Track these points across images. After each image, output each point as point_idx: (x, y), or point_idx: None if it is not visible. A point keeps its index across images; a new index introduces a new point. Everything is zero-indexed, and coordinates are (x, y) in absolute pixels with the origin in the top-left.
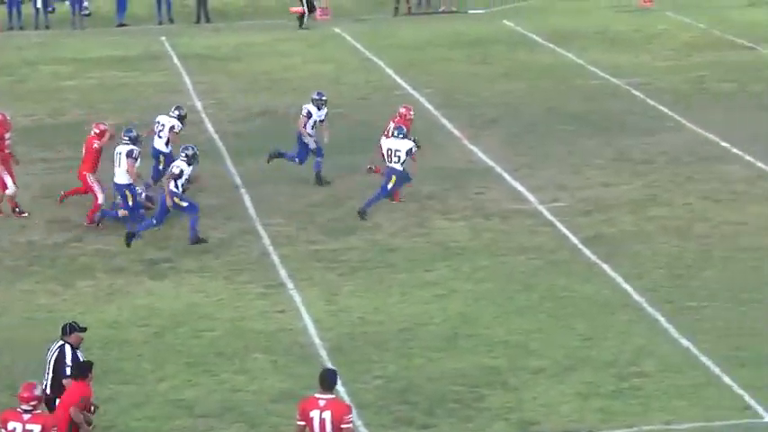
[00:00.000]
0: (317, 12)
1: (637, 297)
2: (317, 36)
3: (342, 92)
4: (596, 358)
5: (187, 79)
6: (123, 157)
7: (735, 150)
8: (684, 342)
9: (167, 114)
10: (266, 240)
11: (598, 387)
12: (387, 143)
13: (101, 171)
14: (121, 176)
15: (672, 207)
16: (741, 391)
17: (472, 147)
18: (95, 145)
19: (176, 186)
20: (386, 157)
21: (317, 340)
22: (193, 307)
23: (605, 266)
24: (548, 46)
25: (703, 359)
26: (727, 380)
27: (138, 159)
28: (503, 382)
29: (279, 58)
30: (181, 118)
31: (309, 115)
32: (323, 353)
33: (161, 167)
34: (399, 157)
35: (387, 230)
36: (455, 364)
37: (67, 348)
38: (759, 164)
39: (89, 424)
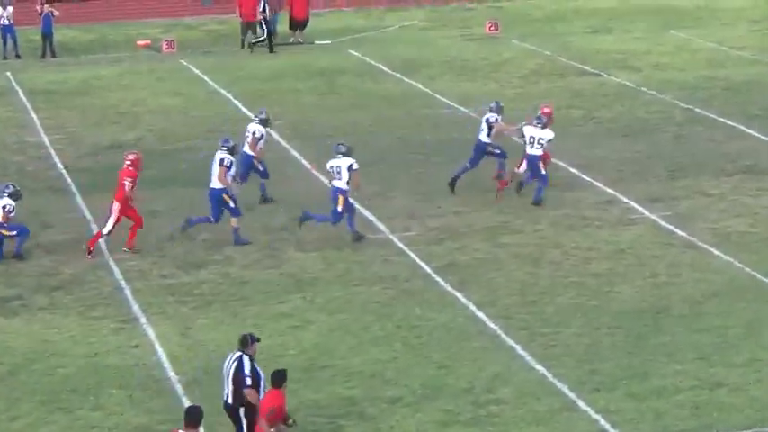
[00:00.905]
0: (163, 45)
1: (491, 324)
2: (164, 69)
3: (191, 124)
4: (453, 386)
5: (34, 114)
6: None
7: (584, 176)
8: (540, 368)
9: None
10: (118, 275)
11: (456, 415)
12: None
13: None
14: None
15: (524, 234)
16: (596, 416)
17: (323, 178)
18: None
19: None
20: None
21: (172, 374)
22: (46, 344)
23: (459, 294)
24: (395, 76)
25: (559, 385)
26: (582, 404)
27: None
28: (360, 412)
29: (127, 91)
30: None
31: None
32: (178, 387)
33: None
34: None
35: (239, 263)
36: (312, 394)
37: (246, 359)
38: (609, 189)
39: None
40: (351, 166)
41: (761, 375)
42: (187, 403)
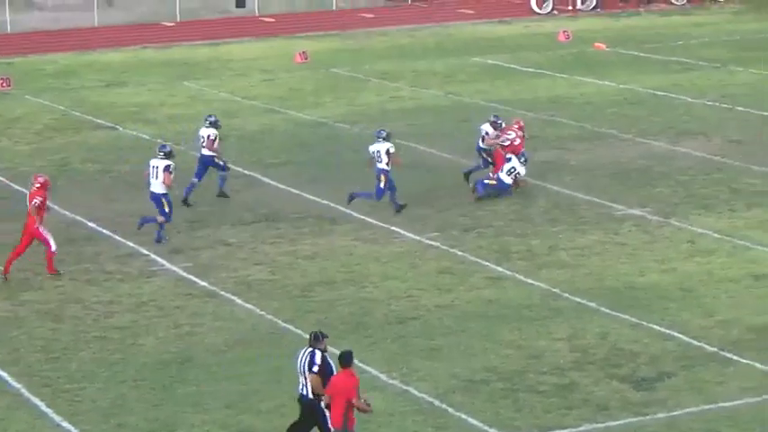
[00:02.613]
0: None
1: (14, 383)
2: None
3: None
4: None
5: None
6: (160, 170)
7: (104, 230)
8: (66, 425)
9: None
10: None
11: None
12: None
13: None
14: (157, 186)
15: (44, 290)
16: None
17: None
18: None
19: None
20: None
21: None
22: None
23: None
24: None
25: None
26: None
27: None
28: None
29: None
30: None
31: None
32: None
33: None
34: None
35: None
36: None
37: (317, 353)
38: (129, 242)
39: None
40: (388, 150)
41: (285, 421)
42: None
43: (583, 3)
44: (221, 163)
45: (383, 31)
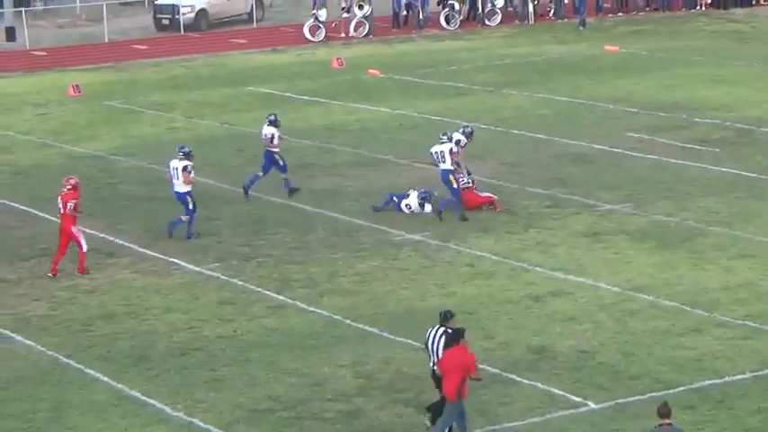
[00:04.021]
0: None
1: None
2: None
3: None
4: None
5: None
6: (179, 171)
7: None
8: None
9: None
10: None
11: None
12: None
13: None
14: (180, 186)
15: None
16: None
17: None
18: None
19: None
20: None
21: None
22: None
23: None
24: None
25: None
26: None
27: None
28: None
29: None
30: None
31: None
32: None
33: None
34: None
35: None
36: None
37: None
38: None
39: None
40: (451, 149)
41: None
42: None
43: (356, 30)
44: (281, 163)
45: (156, 62)
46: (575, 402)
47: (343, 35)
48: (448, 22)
